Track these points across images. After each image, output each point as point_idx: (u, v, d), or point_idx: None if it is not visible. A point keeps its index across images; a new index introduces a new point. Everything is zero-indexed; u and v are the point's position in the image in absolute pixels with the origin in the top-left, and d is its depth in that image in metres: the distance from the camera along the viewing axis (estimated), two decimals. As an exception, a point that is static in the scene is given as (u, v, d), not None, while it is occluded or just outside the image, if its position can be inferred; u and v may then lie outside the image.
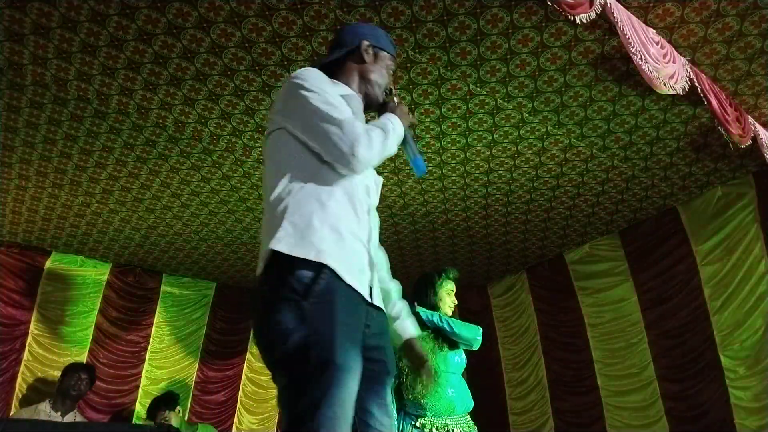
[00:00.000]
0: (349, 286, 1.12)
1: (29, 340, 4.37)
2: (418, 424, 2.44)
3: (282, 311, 1.06)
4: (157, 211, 4.02)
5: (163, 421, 4.02)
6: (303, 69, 1.32)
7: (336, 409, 1.01)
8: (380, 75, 1.45)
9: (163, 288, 5.12)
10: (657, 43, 2.33)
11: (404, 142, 1.37)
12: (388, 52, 1.49)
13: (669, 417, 3.86)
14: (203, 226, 4.28)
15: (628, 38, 2.17)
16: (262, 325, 1.12)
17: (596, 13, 2.10)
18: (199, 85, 2.73)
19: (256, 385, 5.49)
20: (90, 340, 4.61)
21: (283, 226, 1.12)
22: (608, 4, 2.11)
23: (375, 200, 1.40)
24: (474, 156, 3.37)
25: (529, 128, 3.12)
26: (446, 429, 2.45)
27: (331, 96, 1.24)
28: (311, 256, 1.09)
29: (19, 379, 4.26)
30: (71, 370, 4.04)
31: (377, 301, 1.26)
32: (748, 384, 3.44)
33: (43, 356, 4.38)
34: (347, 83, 1.42)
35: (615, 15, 2.14)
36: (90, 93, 2.78)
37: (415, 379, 2.41)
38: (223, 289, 5.44)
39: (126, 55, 2.53)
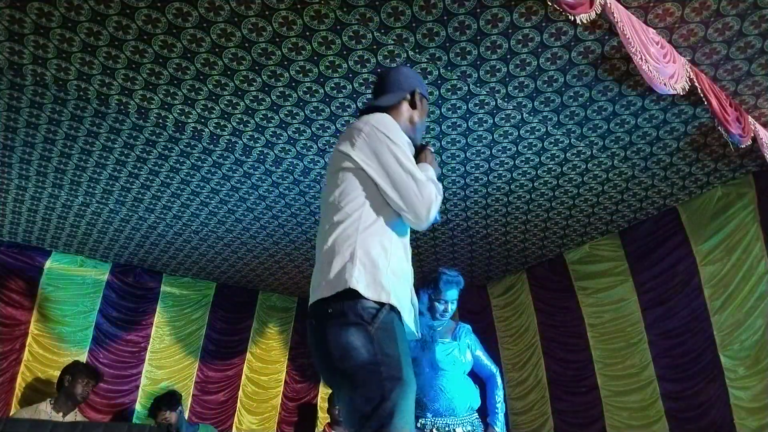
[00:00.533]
0: (402, 319, 1.32)
1: (29, 340, 4.37)
2: (418, 425, 2.41)
3: (351, 333, 1.24)
4: (157, 211, 4.03)
5: (163, 421, 4.02)
6: (382, 116, 1.46)
7: (406, 417, 1.19)
8: (422, 123, 1.62)
9: (163, 288, 5.12)
10: (657, 43, 2.33)
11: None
12: (427, 100, 1.67)
13: (669, 417, 3.86)
14: (203, 226, 4.28)
15: (628, 38, 2.17)
16: (329, 342, 1.27)
17: (596, 13, 2.10)
18: (199, 85, 2.73)
19: (256, 385, 5.49)
20: (90, 340, 4.61)
21: (357, 266, 1.29)
22: (608, 4, 2.11)
23: None
24: (474, 156, 3.37)
25: (529, 128, 3.12)
26: (446, 429, 2.42)
27: (408, 150, 1.41)
28: (382, 298, 1.28)
29: (19, 379, 4.26)
30: (79, 373, 3.97)
31: (418, 332, 1.46)
32: (748, 384, 3.44)
33: (43, 356, 4.38)
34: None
35: (615, 15, 2.14)
36: (90, 93, 2.79)
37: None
38: (223, 289, 5.45)
39: (126, 55, 2.53)
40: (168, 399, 4.25)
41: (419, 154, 1.57)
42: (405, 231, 1.45)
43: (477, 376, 2.80)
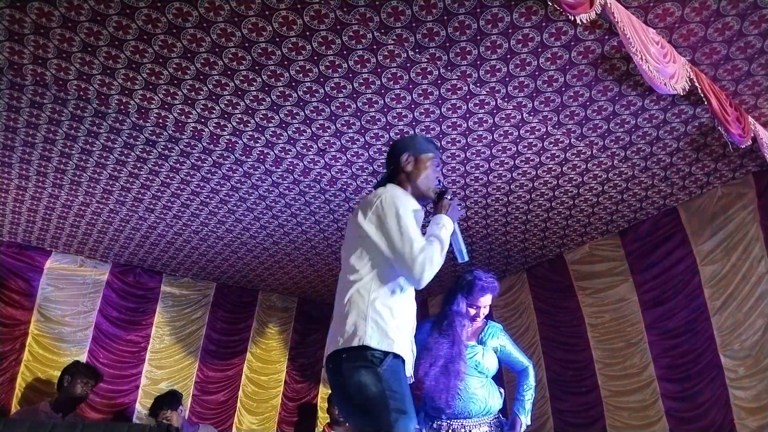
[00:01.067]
0: (404, 364, 1.59)
1: (29, 340, 4.37)
2: (435, 426, 2.39)
3: (363, 373, 1.50)
4: (157, 211, 4.03)
5: (164, 421, 4.02)
6: (390, 190, 1.67)
7: None
8: (425, 176, 1.80)
9: (163, 288, 5.12)
10: (657, 43, 2.33)
11: (453, 233, 1.71)
12: (428, 152, 1.82)
13: (669, 417, 3.86)
14: (203, 226, 4.28)
15: (628, 38, 2.17)
16: (345, 380, 1.53)
17: (596, 13, 2.09)
18: (199, 84, 2.73)
19: (256, 385, 5.49)
20: (90, 341, 4.61)
21: (369, 324, 1.54)
22: (608, 4, 2.11)
23: None
24: (474, 156, 3.37)
25: (529, 128, 3.12)
26: (462, 430, 2.40)
27: (411, 216, 1.61)
28: (389, 348, 1.53)
29: (19, 379, 4.26)
30: (78, 373, 3.94)
31: (412, 376, 1.70)
32: (748, 384, 3.43)
33: (43, 356, 4.38)
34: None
35: (615, 15, 2.14)
36: (90, 93, 2.79)
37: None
38: (223, 289, 5.45)
39: (126, 55, 2.54)
40: (170, 398, 4.24)
41: (438, 202, 1.78)
42: (412, 293, 1.69)
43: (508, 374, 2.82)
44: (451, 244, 1.73)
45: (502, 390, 2.63)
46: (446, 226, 1.67)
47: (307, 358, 5.82)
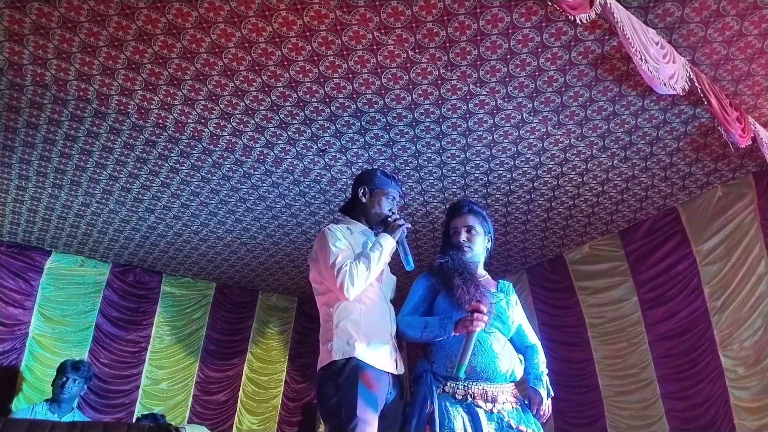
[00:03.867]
0: (372, 366, 1.75)
1: (29, 339, 4.37)
2: (447, 389, 1.84)
3: (326, 384, 1.74)
4: (157, 212, 4.03)
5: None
6: (323, 231, 1.95)
7: None
8: (377, 208, 2.07)
9: (163, 288, 5.13)
10: (657, 43, 2.33)
11: (400, 243, 1.98)
12: (380, 187, 2.08)
13: (669, 417, 3.86)
14: (203, 227, 4.28)
15: (628, 38, 2.17)
16: (317, 393, 1.81)
17: (596, 13, 2.09)
18: (199, 85, 2.73)
19: (257, 385, 5.49)
20: (90, 340, 4.61)
21: (335, 340, 1.77)
22: (608, 4, 2.11)
23: (391, 297, 2.05)
24: (474, 156, 3.37)
25: (529, 128, 3.12)
26: (484, 397, 1.82)
27: (335, 243, 1.87)
28: (349, 354, 1.74)
29: (19, 379, 4.26)
30: (60, 371, 3.87)
31: (399, 371, 1.88)
32: (747, 384, 3.44)
33: (43, 356, 4.38)
34: (359, 219, 2.09)
35: (615, 15, 2.14)
36: (90, 93, 2.79)
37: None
38: (223, 289, 5.45)
39: (126, 56, 2.53)
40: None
41: (387, 226, 2.01)
42: (376, 297, 1.90)
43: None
44: (398, 255, 2.00)
45: (521, 356, 2.08)
46: (382, 243, 1.90)
47: (307, 357, 5.82)
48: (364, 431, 1.63)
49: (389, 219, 2.03)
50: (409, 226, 2.05)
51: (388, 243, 1.93)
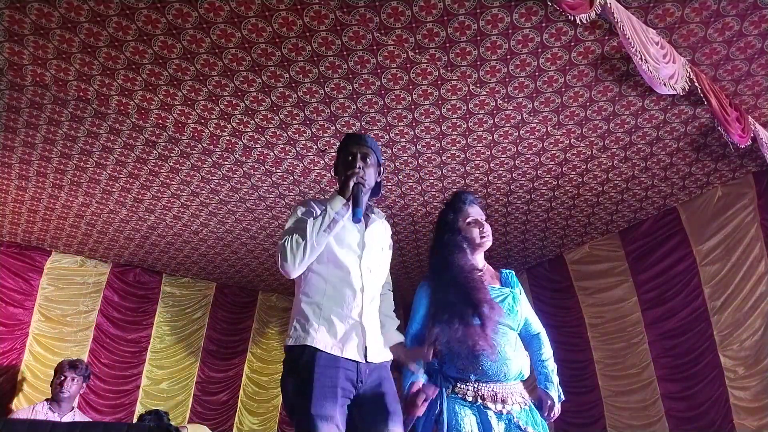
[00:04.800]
0: (330, 354, 1.57)
1: (30, 339, 4.37)
2: (457, 390, 1.83)
3: (286, 380, 1.60)
4: (157, 212, 4.02)
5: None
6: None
7: None
8: (341, 174, 1.80)
9: (164, 288, 5.13)
10: (657, 43, 2.33)
11: (353, 197, 1.68)
12: (342, 150, 1.84)
13: (669, 417, 3.86)
14: (203, 227, 4.28)
15: (628, 38, 2.17)
16: (281, 389, 1.64)
17: (596, 13, 2.09)
18: (199, 85, 2.73)
19: (257, 385, 5.49)
20: (90, 340, 4.61)
21: (294, 324, 1.63)
22: (608, 4, 2.11)
23: (377, 274, 1.77)
24: (474, 156, 3.37)
25: (528, 129, 3.12)
26: (494, 399, 1.83)
27: (290, 219, 1.71)
28: (303, 342, 1.58)
29: (19, 379, 4.26)
30: (57, 370, 3.86)
31: (372, 358, 1.64)
32: (747, 384, 3.44)
33: (43, 356, 4.38)
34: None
35: (615, 15, 2.14)
36: (90, 93, 2.78)
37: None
38: (223, 289, 5.45)
39: (126, 56, 2.53)
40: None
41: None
42: (342, 280, 1.67)
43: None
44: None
45: (527, 353, 2.06)
46: (328, 206, 1.66)
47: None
48: (322, 428, 1.47)
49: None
50: (361, 175, 1.72)
51: (335, 204, 1.66)
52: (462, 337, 1.80)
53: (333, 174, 1.93)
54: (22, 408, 3.98)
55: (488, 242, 2.13)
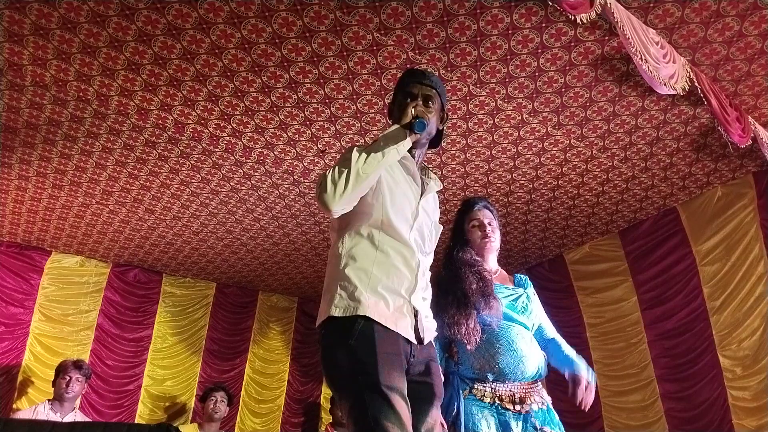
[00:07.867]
0: (386, 327, 1.35)
1: (30, 339, 4.37)
2: (474, 392, 1.81)
3: (334, 350, 1.36)
4: (157, 212, 4.02)
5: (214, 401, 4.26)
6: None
7: (392, 420, 1.23)
8: (397, 110, 1.59)
9: (164, 288, 5.13)
10: (657, 44, 2.33)
11: (416, 128, 1.46)
12: (400, 89, 1.62)
13: (668, 417, 3.86)
14: (203, 227, 4.28)
15: (628, 38, 2.17)
16: (325, 363, 1.39)
17: (596, 13, 2.10)
18: (199, 86, 2.73)
19: (259, 385, 5.49)
20: (92, 340, 4.61)
21: (339, 293, 1.39)
22: (608, 4, 2.11)
23: (429, 249, 1.59)
24: (474, 157, 3.37)
25: (529, 129, 3.12)
26: (512, 399, 1.83)
27: (349, 156, 1.42)
28: (357, 312, 1.35)
29: (20, 379, 4.26)
30: (62, 371, 3.81)
31: (424, 336, 1.46)
32: (746, 384, 3.44)
33: (44, 356, 4.38)
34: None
35: (615, 15, 2.14)
36: (90, 94, 2.78)
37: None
38: (223, 289, 5.45)
39: (126, 56, 2.53)
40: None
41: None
42: (393, 248, 1.46)
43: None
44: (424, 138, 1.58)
45: (543, 353, 2.06)
46: (384, 136, 1.45)
47: (310, 357, 5.81)
48: (393, 402, 1.25)
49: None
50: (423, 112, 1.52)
51: (389, 131, 1.45)
52: (454, 324, 1.81)
53: (388, 119, 1.69)
54: (23, 409, 3.98)
55: (490, 243, 2.10)
